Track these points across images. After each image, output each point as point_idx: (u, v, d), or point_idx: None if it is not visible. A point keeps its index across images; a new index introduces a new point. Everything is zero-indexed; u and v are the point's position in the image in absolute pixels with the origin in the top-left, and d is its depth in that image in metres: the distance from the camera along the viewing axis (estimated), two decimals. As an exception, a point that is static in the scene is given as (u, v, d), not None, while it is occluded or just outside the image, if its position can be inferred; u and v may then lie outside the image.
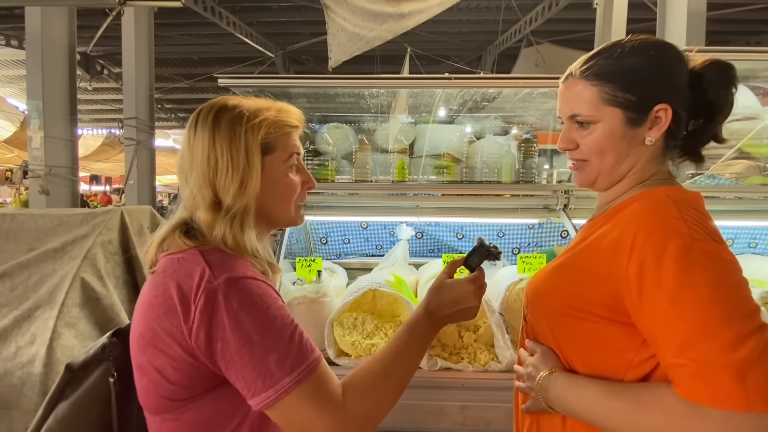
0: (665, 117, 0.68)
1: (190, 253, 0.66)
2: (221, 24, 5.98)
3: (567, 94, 0.74)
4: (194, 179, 0.69)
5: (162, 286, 0.64)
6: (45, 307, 1.29)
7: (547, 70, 5.36)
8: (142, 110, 4.25)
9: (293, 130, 0.75)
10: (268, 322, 0.60)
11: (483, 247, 0.76)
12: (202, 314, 0.60)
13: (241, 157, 0.68)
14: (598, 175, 0.73)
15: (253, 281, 0.63)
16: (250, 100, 0.73)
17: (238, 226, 0.67)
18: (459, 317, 0.74)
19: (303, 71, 8.51)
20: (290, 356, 0.60)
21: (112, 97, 9.25)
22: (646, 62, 0.69)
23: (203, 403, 0.64)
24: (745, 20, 5.75)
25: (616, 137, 0.70)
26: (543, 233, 2.06)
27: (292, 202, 0.75)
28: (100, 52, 6.99)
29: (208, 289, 0.60)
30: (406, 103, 2.14)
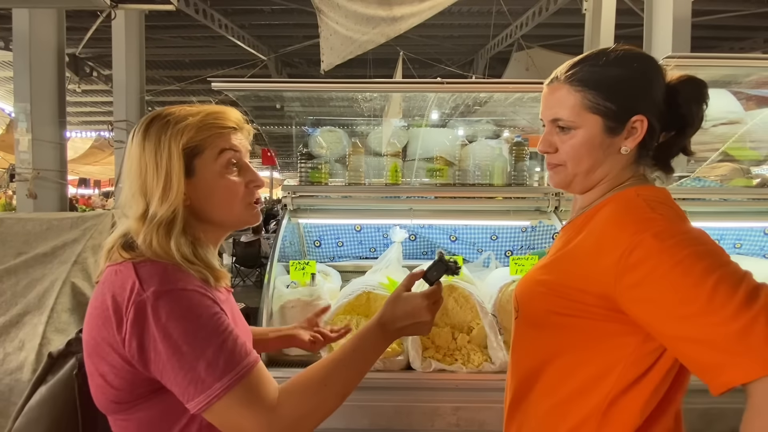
0: (641, 128, 0.71)
1: (125, 265, 0.67)
2: (213, 27, 5.95)
3: (550, 98, 0.75)
4: (127, 189, 0.71)
5: (101, 297, 0.67)
6: (34, 312, 1.27)
7: (537, 74, 5.42)
8: (132, 113, 4.22)
9: (225, 131, 0.74)
10: (196, 331, 0.62)
11: (442, 262, 0.77)
12: (133, 326, 0.62)
13: (164, 162, 0.69)
14: (573, 179, 0.76)
15: (182, 292, 0.64)
16: (187, 108, 0.74)
17: (164, 233, 0.68)
18: (412, 331, 0.75)
19: (295, 74, 8.50)
20: (219, 364, 0.62)
21: (102, 99, 9.14)
22: (628, 73, 0.71)
23: (149, 405, 0.67)
24: (730, 26, 5.89)
25: (594, 144, 0.72)
26: (536, 236, 2.08)
27: (236, 202, 0.75)
28: (90, 54, 6.91)
29: (137, 301, 0.62)
30: (400, 107, 2.15)
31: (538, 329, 0.75)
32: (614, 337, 0.66)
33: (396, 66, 6.18)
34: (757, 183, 1.78)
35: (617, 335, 0.66)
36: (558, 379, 0.72)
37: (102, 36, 5.61)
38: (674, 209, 0.67)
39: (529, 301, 0.77)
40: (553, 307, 0.71)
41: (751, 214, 1.79)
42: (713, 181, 1.80)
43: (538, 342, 0.75)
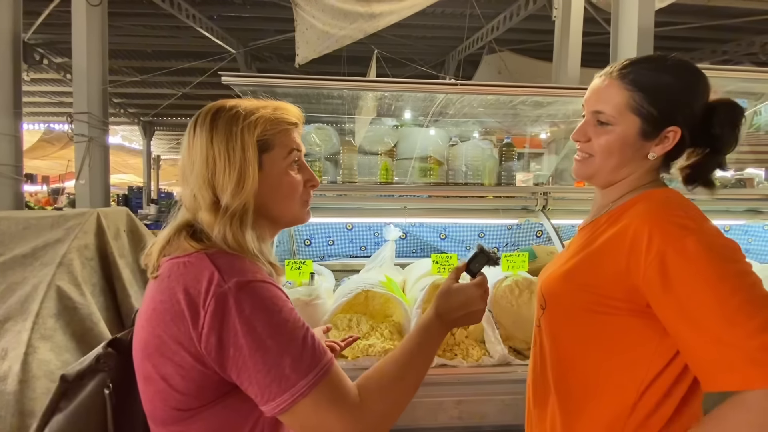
0: (673, 138, 0.74)
1: (196, 256, 0.64)
2: (180, 16, 5.67)
3: (600, 90, 0.77)
4: (194, 180, 0.68)
5: (168, 291, 0.63)
6: (16, 318, 1.18)
7: (509, 77, 5.60)
8: (94, 104, 3.94)
9: (292, 128, 0.74)
10: (280, 325, 0.60)
11: (483, 253, 0.80)
12: (213, 319, 0.58)
13: (238, 155, 0.67)
14: (597, 172, 0.79)
15: (263, 284, 0.62)
16: (248, 101, 0.73)
17: (237, 225, 0.66)
18: (467, 320, 0.77)
19: (265, 69, 8.28)
20: (305, 359, 0.59)
21: (53, 89, 8.47)
22: (678, 83, 0.73)
23: (212, 413, 0.62)
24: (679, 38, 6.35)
25: (626, 144, 0.75)
26: (520, 233, 2.17)
27: (295, 200, 0.74)
28: (40, 40, 6.39)
29: (218, 293, 0.59)
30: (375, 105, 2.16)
31: (567, 325, 0.78)
32: (640, 331, 0.70)
33: (370, 64, 6.17)
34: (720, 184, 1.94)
35: (642, 329, 0.70)
36: (589, 374, 0.75)
37: (55, 21, 5.22)
38: (701, 214, 0.69)
39: (557, 298, 0.80)
40: (582, 304, 0.74)
41: (713, 212, 1.95)
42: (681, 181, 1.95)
43: (568, 337, 0.78)
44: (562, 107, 1.92)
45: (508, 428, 1.37)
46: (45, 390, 1.13)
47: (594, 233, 0.79)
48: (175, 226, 0.70)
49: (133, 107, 10.48)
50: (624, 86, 0.75)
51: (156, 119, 11.01)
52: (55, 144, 8.36)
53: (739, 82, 1.68)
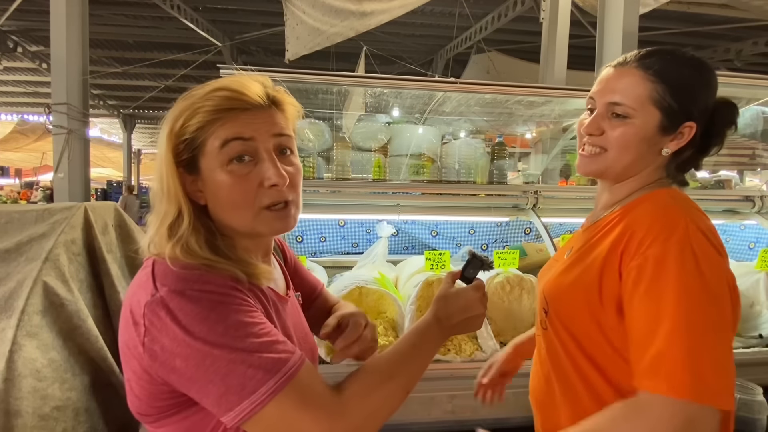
0: (688, 134, 0.72)
1: (147, 262, 0.63)
2: (163, 6, 5.53)
3: (616, 81, 0.73)
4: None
5: (127, 297, 0.62)
6: (0, 315, 1.14)
7: (497, 77, 5.67)
8: (74, 95, 3.81)
9: (232, 114, 0.60)
10: (227, 333, 0.54)
11: (477, 258, 0.78)
12: (151, 330, 0.55)
13: (160, 154, 0.63)
14: (609, 168, 0.75)
15: (201, 292, 0.56)
16: (199, 87, 0.63)
17: (174, 231, 0.61)
18: (466, 326, 0.72)
19: (252, 62, 8.14)
20: (262, 365, 0.54)
21: (27, 79, 8.15)
22: (698, 78, 0.72)
23: (170, 422, 0.60)
24: (660, 42, 6.53)
25: (644, 138, 0.72)
26: (509, 230, 2.20)
27: (243, 209, 0.62)
28: (14, 27, 6.14)
29: (150, 303, 0.56)
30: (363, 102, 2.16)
31: (570, 330, 0.76)
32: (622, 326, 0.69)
33: (358, 61, 6.15)
34: (700, 185, 2.02)
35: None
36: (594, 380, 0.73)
37: (30, 8, 5.02)
38: (703, 215, 0.68)
39: (559, 303, 0.78)
40: (585, 310, 0.73)
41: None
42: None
43: (572, 342, 0.76)
44: (556, 107, 1.96)
45: (500, 421, 1.39)
46: (31, 389, 1.09)
47: (597, 235, 0.76)
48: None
49: (112, 99, 10.17)
50: (647, 77, 0.71)
51: (137, 112, 10.72)
52: (29, 135, 8.05)
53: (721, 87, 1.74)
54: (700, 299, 0.61)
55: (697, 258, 0.62)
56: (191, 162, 0.62)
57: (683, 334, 0.59)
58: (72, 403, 1.18)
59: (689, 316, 0.59)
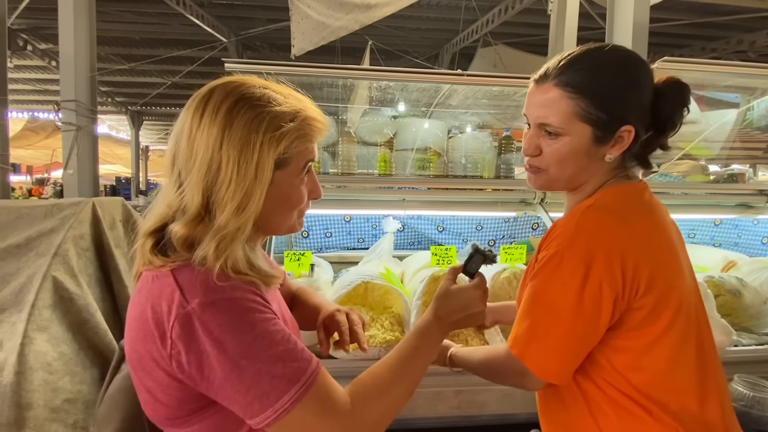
0: (628, 138, 0.71)
1: (163, 272, 0.60)
2: (169, 2, 5.54)
3: (539, 99, 0.73)
4: (189, 177, 0.61)
5: (139, 307, 0.60)
6: (11, 310, 1.16)
7: (504, 71, 5.61)
8: (82, 92, 3.84)
9: (314, 143, 0.69)
10: (254, 343, 0.56)
11: (479, 252, 0.78)
12: (179, 341, 0.56)
13: (250, 171, 0.59)
14: (554, 183, 0.77)
15: (230, 301, 0.57)
16: (274, 94, 0.63)
17: (225, 247, 0.59)
18: (467, 322, 0.75)
19: (257, 58, 8.14)
20: (285, 374, 0.56)
21: (37, 77, 8.23)
22: (621, 80, 0.70)
23: (204, 417, 0.62)
24: (671, 34, 6.41)
25: (580, 152, 0.72)
26: (517, 225, 2.18)
27: (294, 213, 0.70)
28: (24, 25, 6.19)
29: (180, 314, 0.56)
30: (368, 95, 2.14)
31: None
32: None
33: (363, 55, 6.12)
34: (713, 179, 1.98)
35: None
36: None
37: (39, 6, 5.06)
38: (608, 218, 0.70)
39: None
40: None
41: (706, 206, 1.99)
42: (676, 176, 1.98)
43: None
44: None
45: (506, 417, 1.39)
46: (42, 382, 1.11)
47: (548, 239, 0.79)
48: (145, 231, 0.64)
49: (120, 96, 10.24)
50: (566, 94, 0.70)
51: (144, 109, 10.78)
52: (39, 133, 8.14)
53: (736, 77, 1.71)
54: (548, 294, 0.70)
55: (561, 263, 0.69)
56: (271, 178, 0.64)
57: (529, 316, 0.72)
58: (83, 395, 1.19)
59: (536, 306, 0.71)
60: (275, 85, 0.67)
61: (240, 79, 0.65)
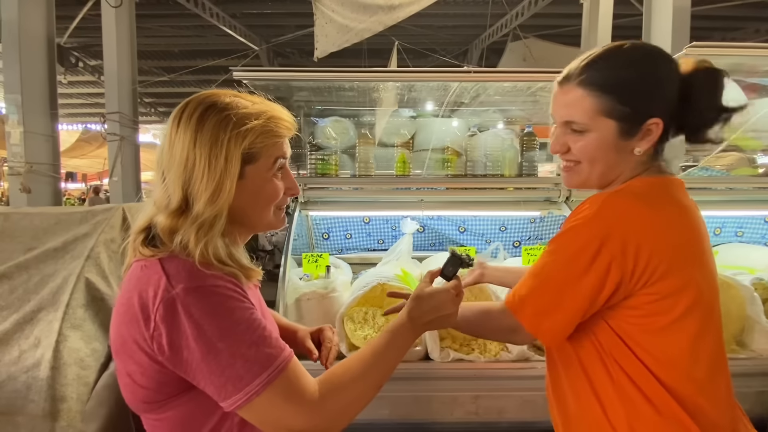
0: (656, 130, 0.71)
1: (151, 261, 0.65)
2: (204, 15, 5.81)
3: (563, 99, 0.75)
4: (170, 177, 0.68)
5: (126, 294, 0.65)
6: (48, 309, 1.24)
7: (534, 65, 5.42)
8: (125, 104, 4.11)
9: (282, 140, 0.74)
10: (231, 328, 0.61)
11: (455, 257, 0.81)
12: (162, 323, 0.60)
13: (220, 165, 0.66)
14: (587, 178, 0.77)
15: (212, 288, 0.63)
16: (242, 100, 0.71)
17: (203, 234, 0.65)
18: (439, 324, 0.78)
19: (288, 64, 8.37)
20: (258, 359, 0.61)
21: (89, 91, 8.90)
22: (644, 75, 0.71)
23: (179, 404, 0.66)
24: (721, 17, 5.95)
25: (608, 147, 0.72)
26: (544, 226, 2.10)
27: (271, 208, 0.75)
28: (75, 44, 6.71)
29: (165, 298, 0.61)
30: (395, 97, 2.13)
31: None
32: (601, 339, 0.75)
33: (390, 56, 6.13)
34: (762, 172, 1.81)
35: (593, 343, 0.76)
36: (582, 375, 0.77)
37: (88, 25, 5.45)
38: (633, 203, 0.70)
39: None
40: None
41: (754, 202, 1.82)
42: (719, 170, 1.83)
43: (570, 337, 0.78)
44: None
45: (527, 425, 1.33)
46: (75, 376, 1.18)
47: None
48: (137, 228, 0.70)
49: (162, 106, 10.87)
50: (588, 92, 0.72)
51: (185, 117, 11.35)
52: (92, 143, 8.78)
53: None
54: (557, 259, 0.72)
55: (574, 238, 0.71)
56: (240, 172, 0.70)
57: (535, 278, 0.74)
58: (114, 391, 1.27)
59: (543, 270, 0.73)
60: (247, 95, 0.74)
61: (213, 92, 0.72)
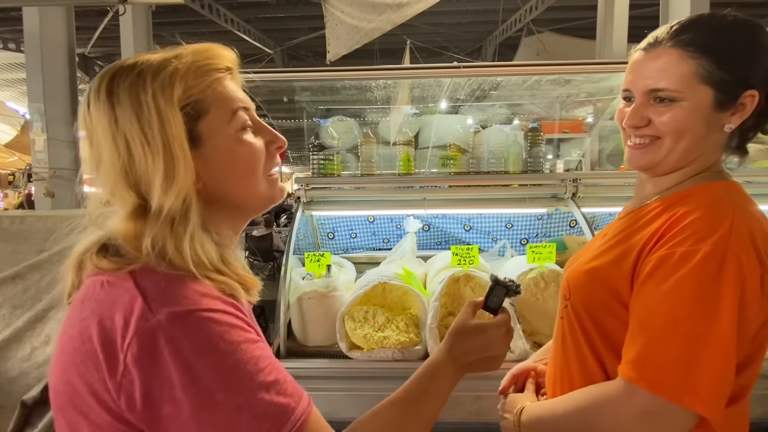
0: (751, 104, 0.64)
1: (117, 276, 0.48)
2: (219, 21, 5.94)
3: (651, 65, 0.66)
4: (104, 178, 0.50)
5: (79, 323, 0.46)
6: (58, 308, 1.30)
7: (549, 59, 5.31)
8: (143, 110, 4.25)
9: (224, 75, 0.54)
10: (235, 370, 0.44)
11: (500, 285, 0.69)
12: (136, 366, 0.42)
13: (156, 131, 0.48)
14: (666, 157, 0.67)
15: (211, 314, 0.45)
16: (153, 54, 0.52)
17: (183, 230, 0.49)
18: (483, 366, 0.65)
19: (302, 67, 8.46)
20: (269, 413, 0.44)
21: (112, 98, 9.24)
22: (746, 41, 0.64)
23: None
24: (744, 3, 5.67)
25: (700, 119, 0.64)
26: (552, 223, 2.05)
27: (258, 174, 0.56)
28: (98, 54, 6.97)
29: (142, 329, 0.43)
30: (409, 95, 2.12)
31: (586, 322, 0.72)
32: None
33: (403, 55, 6.11)
34: None
35: None
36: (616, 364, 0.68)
37: (110, 35, 5.64)
38: (760, 216, 0.62)
39: (579, 292, 0.73)
40: (602, 304, 0.69)
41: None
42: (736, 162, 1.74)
43: (585, 335, 0.72)
44: (602, 84, 1.77)
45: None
46: (83, 373, 1.23)
47: (633, 225, 0.70)
48: (87, 245, 0.52)
49: (183, 111, 11.16)
50: (685, 54, 0.63)
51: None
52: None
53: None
54: (706, 304, 0.57)
55: (724, 265, 0.57)
56: (191, 133, 0.51)
57: (678, 337, 0.58)
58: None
59: (687, 323, 0.58)
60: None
61: (110, 65, 0.54)
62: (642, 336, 0.60)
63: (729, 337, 0.56)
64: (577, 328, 0.73)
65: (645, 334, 0.60)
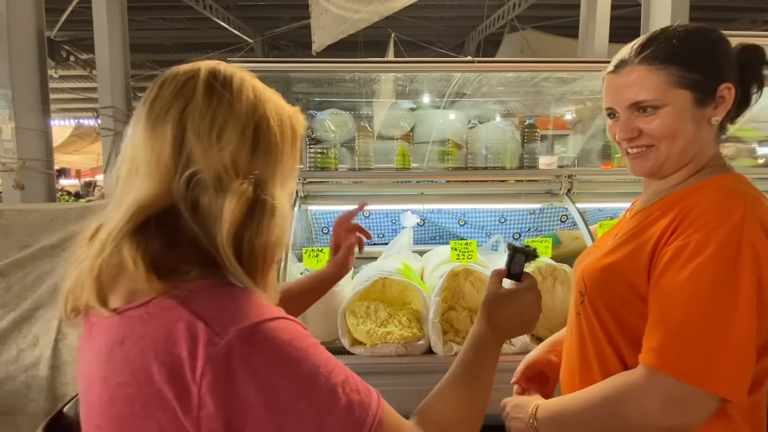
0: (729, 95, 0.68)
1: (156, 304, 0.44)
2: (197, 7, 5.71)
3: (624, 82, 0.71)
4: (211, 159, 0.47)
5: (128, 366, 0.43)
6: (46, 306, 1.23)
7: (532, 56, 5.39)
8: (118, 98, 4.05)
9: None
10: (311, 375, 0.44)
11: (519, 251, 0.71)
12: (213, 394, 0.41)
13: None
14: (665, 161, 0.71)
15: (275, 323, 0.44)
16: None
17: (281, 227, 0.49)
18: (520, 330, 0.68)
19: (283, 57, 8.27)
20: (352, 412, 0.45)
21: (81, 86, 8.76)
22: (705, 44, 0.69)
23: None
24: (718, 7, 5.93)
25: (686, 119, 0.68)
26: (543, 218, 2.10)
27: None
28: (65, 37, 6.58)
29: (213, 355, 0.41)
30: (393, 89, 2.10)
31: (604, 318, 0.73)
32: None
33: (387, 48, 6.07)
34: (762, 162, 1.82)
35: None
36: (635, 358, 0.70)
37: (79, 18, 5.35)
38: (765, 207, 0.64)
39: (600, 283, 0.74)
40: (627, 288, 0.70)
41: None
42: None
43: (603, 331, 0.73)
44: (588, 83, 1.82)
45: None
46: (75, 375, 1.17)
47: (645, 221, 0.73)
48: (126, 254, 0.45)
49: (156, 101, 10.70)
50: (652, 67, 0.69)
51: (179, 112, 11.22)
52: (85, 139, 8.66)
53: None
54: (725, 290, 0.59)
55: (740, 251, 0.59)
56: None
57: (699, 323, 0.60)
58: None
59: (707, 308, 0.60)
60: None
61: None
62: (663, 324, 0.62)
63: (749, 321, 0.58)
64: (596, 323, 0.75)
65: (666, 322, 0.62)
